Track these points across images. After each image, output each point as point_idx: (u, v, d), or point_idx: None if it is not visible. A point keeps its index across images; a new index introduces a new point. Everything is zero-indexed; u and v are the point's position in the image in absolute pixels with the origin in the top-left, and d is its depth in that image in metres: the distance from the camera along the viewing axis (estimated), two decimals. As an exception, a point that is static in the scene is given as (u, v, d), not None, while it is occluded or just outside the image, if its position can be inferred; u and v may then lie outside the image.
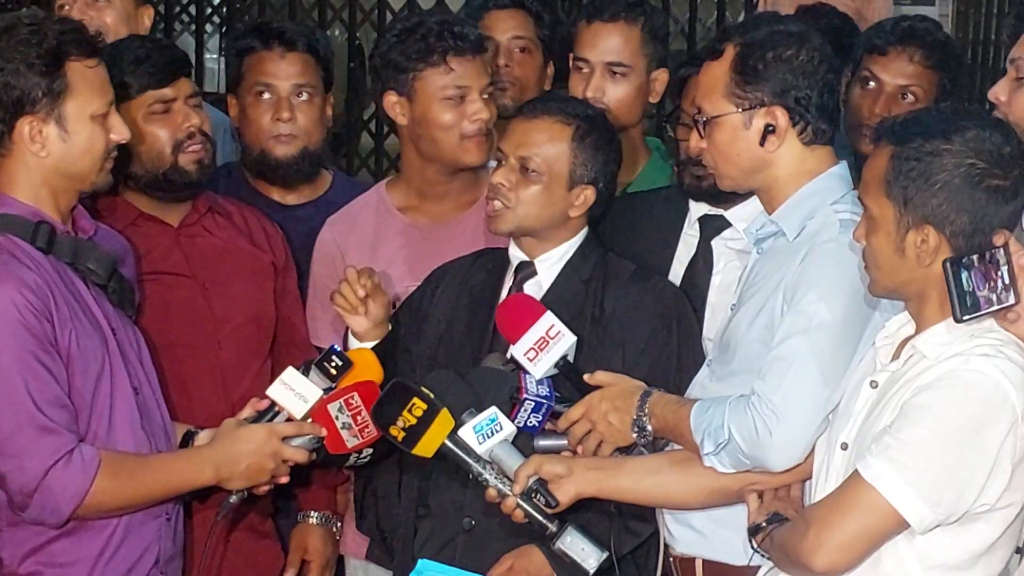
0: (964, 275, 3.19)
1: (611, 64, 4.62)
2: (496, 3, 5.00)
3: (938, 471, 3.15)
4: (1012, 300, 3.22)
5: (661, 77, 4.69)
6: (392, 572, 4.15)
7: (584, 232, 4.07)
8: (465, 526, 3.94)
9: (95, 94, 3.58)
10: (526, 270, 4.05)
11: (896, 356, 3.31)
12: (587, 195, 4.01)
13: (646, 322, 3.97)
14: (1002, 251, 3.21)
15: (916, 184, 3.20)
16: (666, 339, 3.96)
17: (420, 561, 3.84)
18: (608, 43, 4.63)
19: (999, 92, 3.94)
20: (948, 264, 3.19)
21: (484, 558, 3.90)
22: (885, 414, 3.24)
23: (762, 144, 3.57)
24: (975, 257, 3.20)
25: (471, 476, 3.67)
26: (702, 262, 4.14)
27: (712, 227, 4.14)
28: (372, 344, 3.98)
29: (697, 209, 4.19)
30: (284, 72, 4.56)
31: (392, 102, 4.39)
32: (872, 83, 4.68)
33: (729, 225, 4.11)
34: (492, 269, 4.10)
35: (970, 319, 3.20)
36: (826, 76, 3.59)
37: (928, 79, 4.66)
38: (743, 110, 3.56)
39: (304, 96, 4.57)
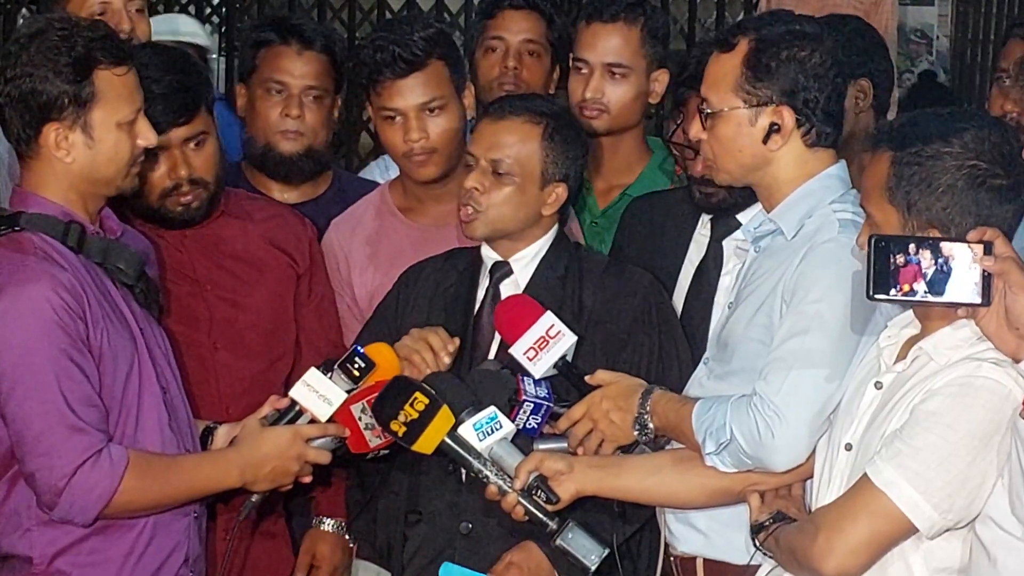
0: (893, 256, 3.11)
1: (610, 65, 4.61)
2: (511, 3, 4.95)
3: (949, 478, 3.15)
4: (977, 300, 3.11)
5: (661, 78, 4.68)
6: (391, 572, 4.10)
7: (555, 229, 4.05)
8: (463, 530, 3.91)
9: (123, 102, 3.56)
10: (501, 270, 4.03)
11: (902, 357, 3.29)
12: (559, 193, 4.00)
13: (626, 313, 3.96)
14: (977, 247, 3.10)
15: (919, 189, 3.19)
16: (647, 329, 3.96)
17: (444, 565, 3.82)
18: (608, 44, 4.62)
19: None
20: (872, 240, 3.14)
21: (484, 562, 3.87)
22: (894, 416, 3.23)
23: (765, 142, 3.56)
24: (912, 244, 3.12)
25: (471, 475, 3.67)
26: (712, 262, 4.13)
27: (723, 227, 4.14)
28: None
29: None
30: (299, 70, 4.57)
31: (370, 112, 4.45)
32: None
33: (740, 225, 4.09)
34: (464, 270, 4.07)
35: (882, 299, 3.17)
36: (835, 80, 3.58)
37: None
38: (750, 106, 3.55)
39: (315, 96, 4.57)
